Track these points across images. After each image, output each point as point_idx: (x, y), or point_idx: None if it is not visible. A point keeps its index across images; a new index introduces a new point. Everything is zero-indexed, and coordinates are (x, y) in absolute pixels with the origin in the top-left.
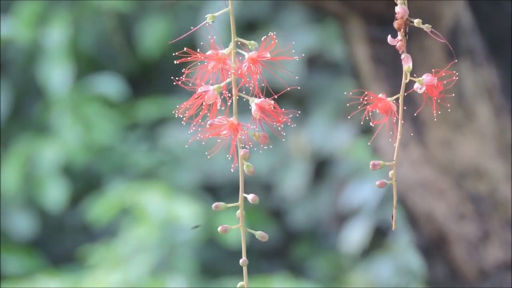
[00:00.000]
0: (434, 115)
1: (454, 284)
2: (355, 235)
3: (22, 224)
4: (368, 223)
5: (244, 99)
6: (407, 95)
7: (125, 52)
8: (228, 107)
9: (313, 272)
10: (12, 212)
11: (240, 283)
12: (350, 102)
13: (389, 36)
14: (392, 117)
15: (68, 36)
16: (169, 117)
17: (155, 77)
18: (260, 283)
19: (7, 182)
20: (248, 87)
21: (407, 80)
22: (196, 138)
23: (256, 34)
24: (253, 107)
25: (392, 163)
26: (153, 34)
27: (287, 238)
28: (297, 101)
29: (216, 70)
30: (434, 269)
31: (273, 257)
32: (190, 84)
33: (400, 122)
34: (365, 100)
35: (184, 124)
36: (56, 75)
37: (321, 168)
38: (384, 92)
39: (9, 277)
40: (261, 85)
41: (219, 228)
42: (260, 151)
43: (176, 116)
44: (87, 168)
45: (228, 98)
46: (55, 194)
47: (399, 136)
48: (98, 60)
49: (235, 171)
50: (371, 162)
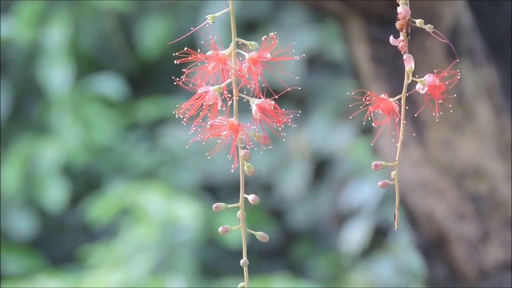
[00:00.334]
0: (436, 116)
1: (454, 284)
2: (355, 235)
3: (22, 224)
4: (368, 223)
5: (245, 100)
6: (409, 96)
7: (125, 52)
8: (229, 108)
9: (313, 272)
10: (12, 212)
11: (241, 284)
12: (352, 103)
13: (391, 37)
14: (394, 118)
15: (68, 36)
16: (169, 117)
17: (155, 77)
18: (260, 283)
19: (7, 182)
20: (249, 88)
21: (409, 81)
22: (197, 139)
23: (256, 34)
24: (254, 108)
25: (394, 164)
26: (153, 34)
27: (287, 238)
28: (297, 101)
29: (217, 71)
30: (434, 269)
31: (273, 257)
32: (191, 85)
33: (403, 123)
34: (367, 101)
35: (184, 124)
36: (56, 75)
37: (321, 168)
38: (385, 92)
39: (9, 277)
40: (262, 86)
41: (220, 229)
42: (261, 152)
43: (177, 117)
44: (87, 168)
45: (229, 99)
46: (55, 194)
47: (402, 137)
48: (98, 60)
49: (235, 171)
50: (374, 163)
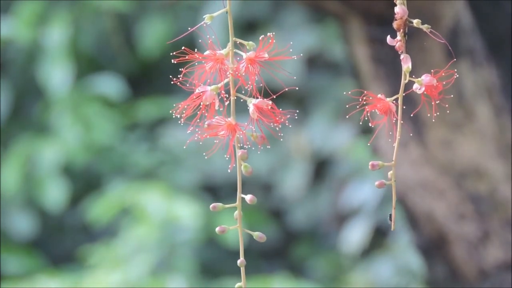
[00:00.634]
0: (433, 116)
1: (454, 284)
2: (355, 235)
3: (22, 224)
4: (368, 223)
5: (242, 100)
6: (408, 95)
7: (124, 52)
8: (226, 108)
9: (313, 272)
10: (12, 212)
11: (238, 284)
12: (350, 102)
13: (388, 37)
14: (392, 118)
15: (68, 36)
16: (169, 117)
17: (155, 77)
18: (260, 283)
19: (7, 182)
20: (247, 88)
21: (406, 81)
22: (194, 139)
23: (256, 34)
24: (251, 108)
25: (391, 164)
26: (153, 34)
27: (287, 238)
28: (297, 101)
29: (214, 71)
30: (434, 269)
31: (273, 257)
32: (188, 84)
33: (399, 123)
34: (364, 100)
35: (184, 124)
36: (56, 75)
37: (321, 168)
38: (384, 92)
39: (9, 277)
40: (259, 86)
41: (217, 229)
42: (258, 152)
43: (174, 116)
44: (87, 168)
45: (226, 99)
46: (55, 194)
47: (399, 137)
48: (98, 60)
49: (235, 171)
50: (370, 163)
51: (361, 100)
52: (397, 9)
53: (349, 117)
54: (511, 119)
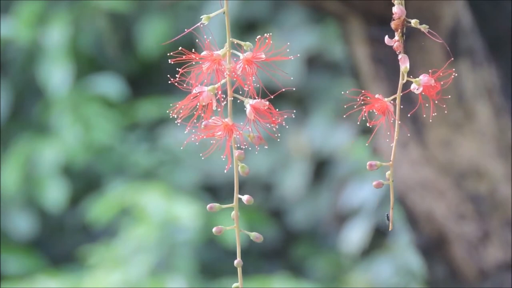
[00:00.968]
0: (431, 116)
1: (454, 284)
2: (355, 235)
3: (22, 224)
4: (368, 223)
5: (239, 101)
6: (407, 95)
7: (122, 53)
8: (223, 108)
9: (313, 272)
10: (12, 212)
11: (235, 284)
12: (348, 102)
13: (386, 37)
14: (390, 118)
15: (68, 36)
16: (169, 117)
17: (155, 77)
18: (260, 283)
19: (7, 182)
20: (245, 88)
21: (404, 81)
22: (191, 139)
23: (256, 34)
24: (248, 108)
25: (389, 163)
26: (153, 34)
27: (287, 238)
28: (297, 101)
29: (211, 71)
30: (434, 269)
31: (273, 257)
32: (185, 85)
33: (397, 123)
34: (362, 100)
35: (183, 125)
36: (56, 75)
37: (321, 168)
38: (384, 92)
39: (9, 277)
40: (257, 86)
41: (214, 229)
42: (256, 152)
43: (171, 116)
44: (87, 168)
45: (223, 99)
46: (55, 194)
47: (396, 137)
48: (98, 60)
49: (234, 171)
50: (368, 163)
51: (359, 100)
52: (395, 9)
53: (349, 117)
54: (511, 119)
